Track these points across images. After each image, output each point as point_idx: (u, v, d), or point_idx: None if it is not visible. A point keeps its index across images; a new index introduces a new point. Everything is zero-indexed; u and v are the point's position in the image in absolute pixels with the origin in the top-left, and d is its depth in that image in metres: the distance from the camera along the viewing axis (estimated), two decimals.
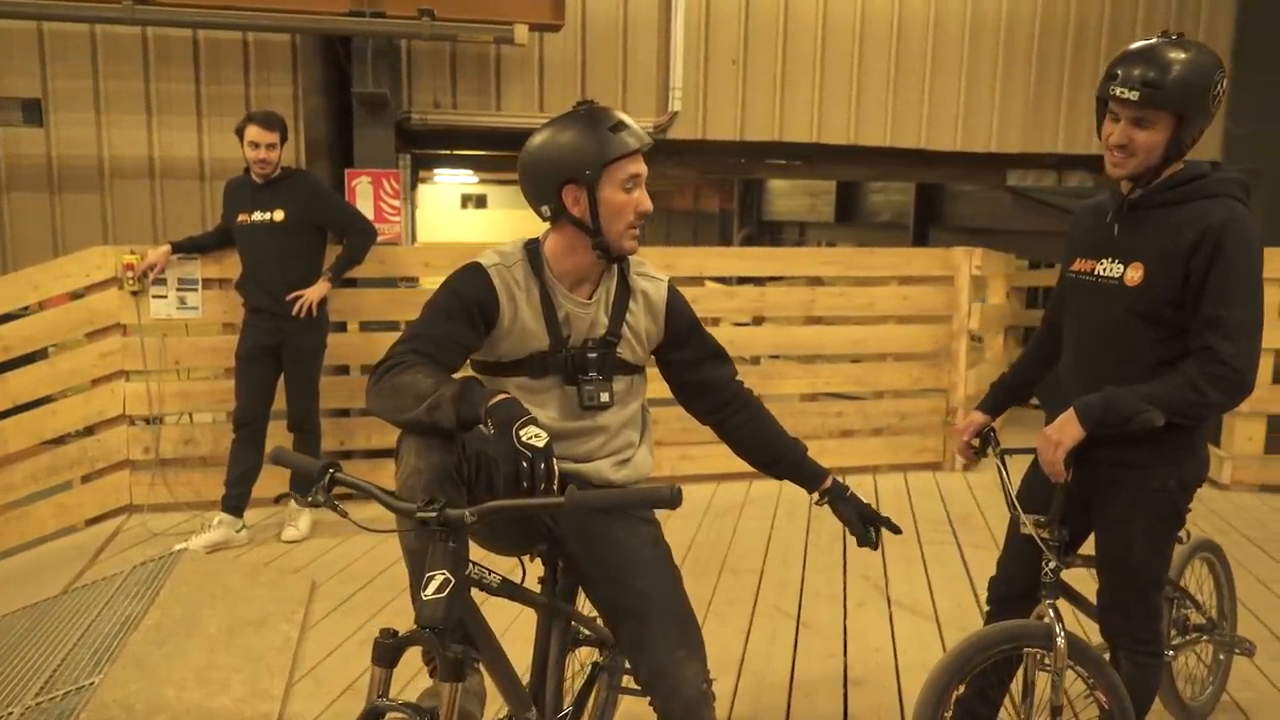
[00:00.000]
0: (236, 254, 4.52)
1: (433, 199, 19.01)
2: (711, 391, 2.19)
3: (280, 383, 4.48)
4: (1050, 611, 2.21)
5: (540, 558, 2.16)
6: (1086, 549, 2.40)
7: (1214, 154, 7.12)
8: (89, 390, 4.74)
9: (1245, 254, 2.00)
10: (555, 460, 1.65)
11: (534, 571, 2.15)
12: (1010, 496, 2.30)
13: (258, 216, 4.35)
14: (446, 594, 1.65)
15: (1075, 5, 7.18)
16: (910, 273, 5.71)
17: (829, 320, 5.87)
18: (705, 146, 6.84)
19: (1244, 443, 5.45)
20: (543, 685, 2.19)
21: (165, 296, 4.72)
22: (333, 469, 1.73)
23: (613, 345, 2.06)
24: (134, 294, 4.67)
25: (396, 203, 5.86)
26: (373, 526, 1.77)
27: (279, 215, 4.33)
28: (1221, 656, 2.98)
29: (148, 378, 4.77)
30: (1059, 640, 2.16)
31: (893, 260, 5.80)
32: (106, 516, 4.79)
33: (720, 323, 5.80)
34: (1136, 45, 2.07)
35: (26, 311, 4.76)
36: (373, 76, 5.59)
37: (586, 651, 2.46)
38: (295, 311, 4.30)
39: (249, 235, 4.38)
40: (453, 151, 7.14)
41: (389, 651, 1.67)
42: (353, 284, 5.00)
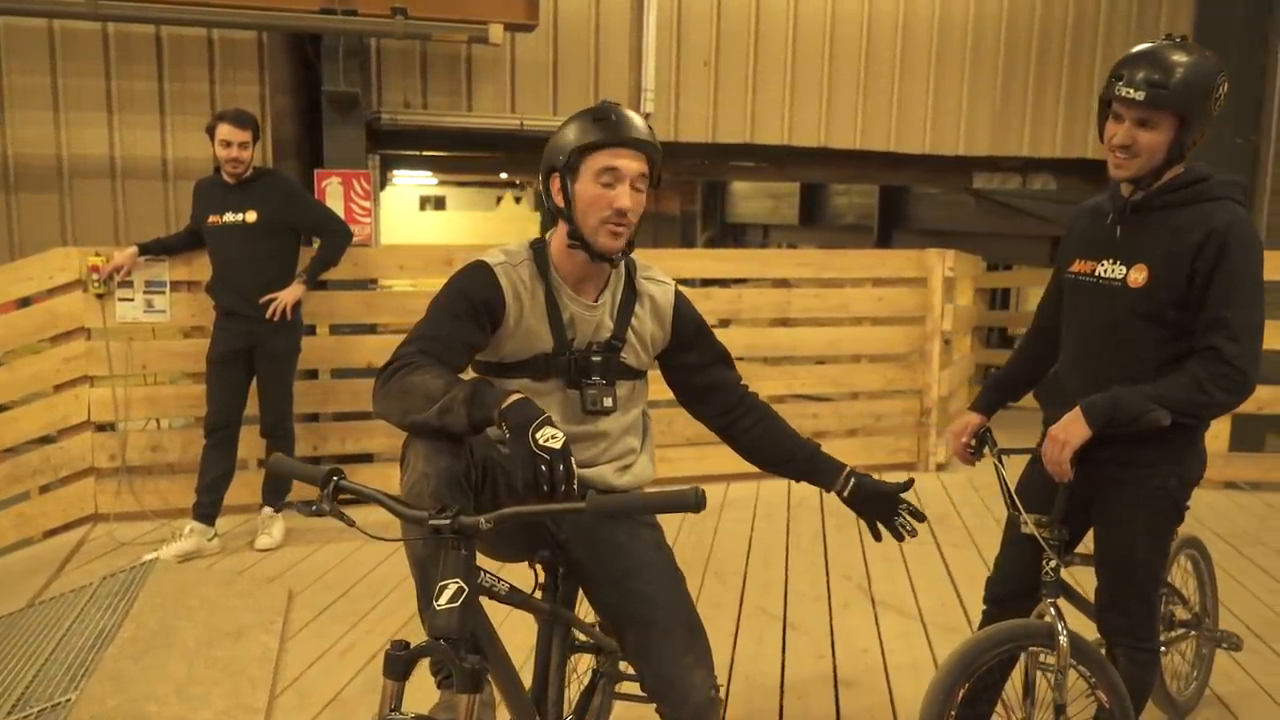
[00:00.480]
0: (206, 256, 4.41)
1: (391, 201, 18.85)
2: (719, 395, 2.17)
3: (253, 387, 4.38)
4: (1052, 610, 2.22)
5: (541, 564, 2.13)
6: (1083, 548, 2.42)
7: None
8: (51, 396, 4.59)
9: (1248, 256, 2.03)
10: (573, 461, 1.62)
11: (529, 576, 2.11)
12: (1011, 496, 2.30)
13: (229, 217, 4.25)
14: (460, 603, 1.61)
15: (1040, 10, 7.29)
16: (884, 274, 5.75)
17: (803, 322, 5.88)
18: (677, 148, 6.83)
19: (1209, 440, 5.51)
20: (544, 692, 2.16)
21: (132, 299, 4.59)
22: (337, 476, 1.68)
23: (617, 349, 2.03)
24: (99, 297, 4.54)
25: (367, 204, 5.77)
26: (382, 535, 1.72)
27: (251, 216, 4.23)
28: (1204, 651, 3.03)
29: (113, 383, 4.65)
30: (1062, 639, 2.17)
31: (866, 262, 5.84)
32: (70, 526, 4.65)
33: None
34: (1141, 48, 2.09)
35: None
36: (344, 75, 5.50)
37: (580, 658, 2.43)
38: (269, 314, 4.21)
39: (220, 237, 4.28)
40: (422, 152, 7.05)
41: (401, 664, 1.62)
42: (323, 286, 4.92)
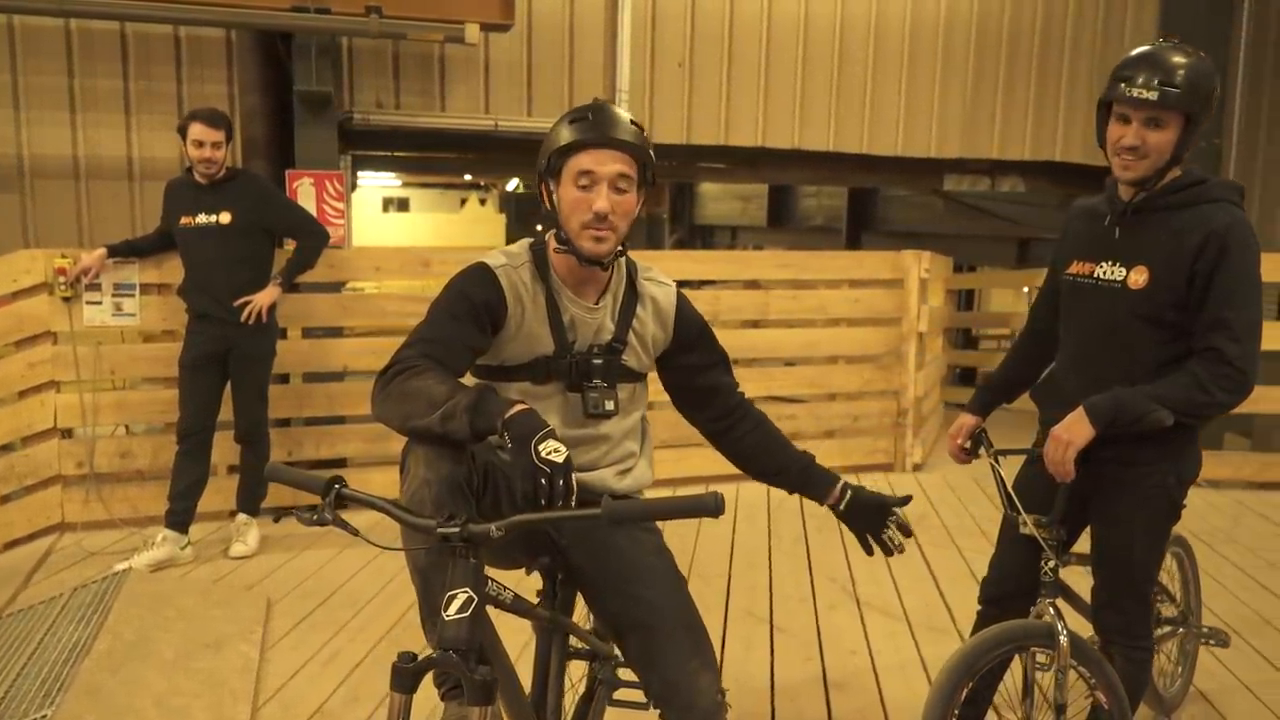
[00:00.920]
0: (177, 258, 4.32)
1: (355, 203, 18.62)
2: (717, 399, 2.14)
3: (227, 392, 4.29)
4: (1051, 610, 2.22)
5: (540, 570, 2.09)
6: (1079, 547, 2.43)
7: None
8: (16, 402, 4.47)
9: (1248, 257, 2.06)
10: (574, 476, 1.59)
11: (526, 582, 2.08)
12: (1010, 497, 2.30)
13: (202, 219, 4.16)
14: (470, 613, 1.57)
15: (1009, 14, 7.37)
16: (861, 276, 5.77)
17: (781, 323, 5.89)
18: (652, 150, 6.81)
19: None
20: (544, 699, 2.12)
21: (100, 303, 4.48)
22: (339, 484, 1.63)
23: (619, 351, 2.00)
24: (66, 300, 4.43)
25: (340, 205, 5.69)
26: (389, 545, 1.68)
27: (225, 218, 4.15)
28: (1188, 648, 3.06)
29: (81, 388, 4.53)
30: (1062, 639, 2.18)
31: (844, 263, 5.86)
32: (36, 536, 4.52)
33: None
34: (1142, 50, 2.10)
35: None
36: (316, 75, 5.41)
37: (573, 664, 2.39)
38: (244, 317, 4.13)
39: (193, 238, 4.19)
40: (394, 153, 6.97)
41: (409, 676, 1.58)
42: (295, 289, 4.83)
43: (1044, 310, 2.46)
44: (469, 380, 1.97)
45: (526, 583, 2.06)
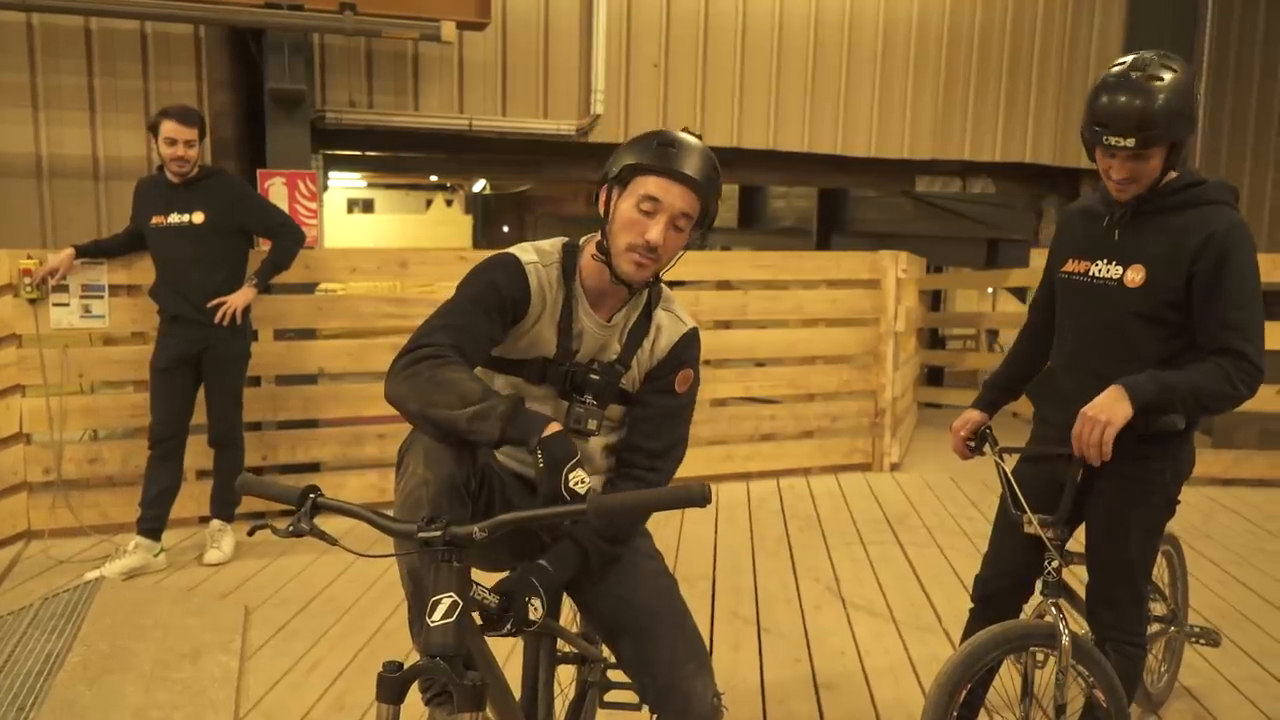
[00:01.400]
0: (147, 259, 4.22)
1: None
2: (626, 441, 2.00)
3: (200, 395, 4.20)
4: (1054, 610, 2.22)
5: None
6: (1074, 545, 2.43)
7: None
8: None
9: (1248, 257, 2.09)
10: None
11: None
12: (1015, 494, 2.29)
13: (175, 219, 4.07)
14: (455, 619, 1.53)
15: (980, 17, 7.44)
16: (839, 276, 5.79)
17: (759, 324, 5.88)
18: None
19: None
20: (534, 705, 2.09)
21: (68, 304, 4.37)
22: (314, 494, 1.59)
23: (619, 374, 1.96)
24: (32, 302, 4.31)
25: (313, 205, 5.61)
26: (369, 552, 1.63)
27: (199, 217, 4.06)
28: (1174, 646, 3.08)
29: (48, 392, 4.41)
30: (1065, 639, 2.17)
31: (821, 264, 5.87)
32: (2, 544, 4.39)
33: None
34: (1114, 85, 2.05)
35: None
36: (289, 72, 5.33)
37: (561, 669, 2.36)
38: (218, 319, 4.04)
39: (165, 239, 4.09)
40: (366, 152, 6.88)
41: (396, 686, 1.53)
42: (269, 289, 4.74)
43: (1042, 307, 2.47)
44: None
45: None
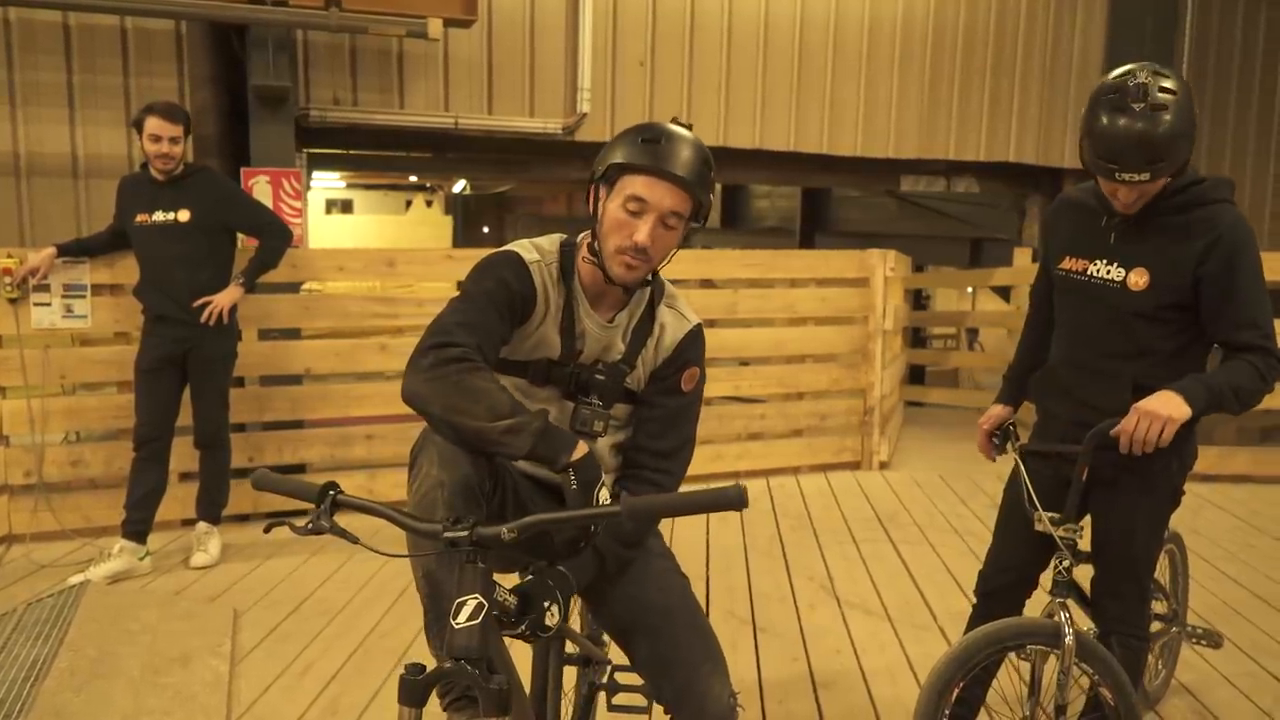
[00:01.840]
0: (129, 258, 4.16)
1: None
2: (631, 442, 1.96)
3: (185, 396, 4.13)
4: (1061, 610, 2.21)
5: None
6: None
7: None
8: None
9: (1254, 253, 2.11)
10: None
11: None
12: (1030, 493, 2.27)
13: (159, 217, 4.00)
14: (480, 621, 1.50)
15: (963, 17, 7.46)
16: (828, 275, 5.78)
17: (749, 322, 5.87)
18: None
19: None
20: (543, 706, 2.06)
21: (49, 304, 4.29)
22: (334, 490, 1.55)
23: (624, 374, 1.93)
24: (12, 301, 4.23)
25: (298, 204, 5.54)
26: (390, 551, 1.60)
27: (184, 215, 3.99)
28: (1171, 644, 3.08)
29: (29, 393, 4.33)
30: (1068, 638, 2.16)
31: (810, 262, 5.87)
32: None
33: None
34: (1118, 120, 1.99)
35: None
36: (273, 69, 5.26)
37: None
38: (204, 318, 3.98)
39: (149, 237, 4.02)
40: (350, 151, 6.81)
41: (419, 689, 1.50)
42: (253, 289, 4.68)
43: (1043, 298, 2.47)
44: None
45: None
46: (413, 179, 21.74)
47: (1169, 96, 1.99)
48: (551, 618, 1.66)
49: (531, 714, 1.91)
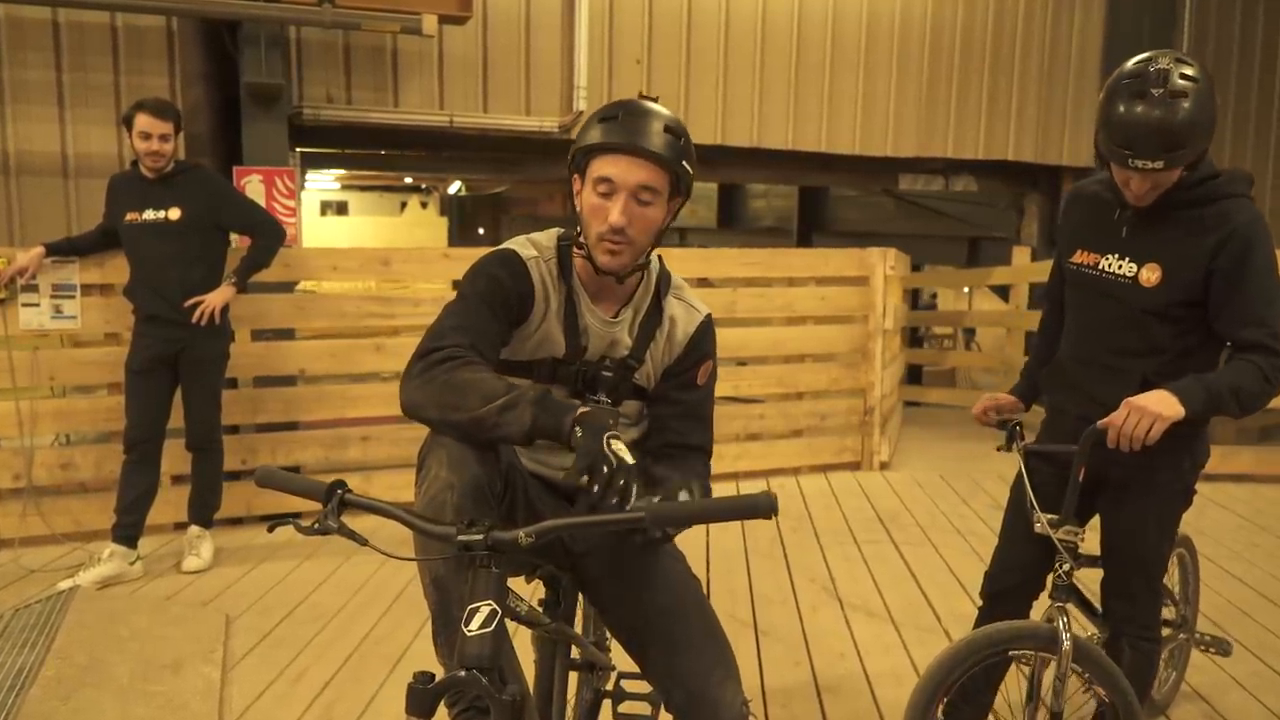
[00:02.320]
0: (119, 257, 4.09)
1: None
2: (661, 449, 1.89)
3: (177, 398, 4.07)
4: (1060, 615, 2.15)
5: (542, 578, 1.96)
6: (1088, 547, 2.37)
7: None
8: None
9: (1267, 252, 2.05)
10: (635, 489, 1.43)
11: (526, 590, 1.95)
12: (1030, 495, 2.22)
13: (149, 215, 3.94)
14: (494, 628, 1.44)
15: (961, 15, 7.42)
16: (827, 273, 5.73)
17: (748, 322, 5.81)
18: None
19: None
20: (549, 711, 2.00)
21: (38, 304, 4.22)
22: (342, 489, 1.49)
23: (633, 369, 1.87)
24: (0, 302, 4.16)
25: (291, 203, 5.48)
26: (399, 554, 1.54)
27: (174, 214, 3.93)
28: (1180, 650, 3.02)
29: (17, 395, 4.26)
30: (1065, 643, 2.10)
31: (810, 261, 5.81)
32: None
33: None
34: (1136, 105, 1.94)
35: None
36: (265, 66, 5.19)
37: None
38: (195, 318, 3.91)
39: (139, 236, 3.96)
40: (345, 150, 6.75)
41: (428, 699, 1.43)
42: (247, 288, 4.61)
43: (1056, 293, 2.42)
44: None
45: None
46: (408, 180, 21.66)
47: (1189, 84, 1.93)
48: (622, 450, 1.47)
49: (536, 717, 1.85)
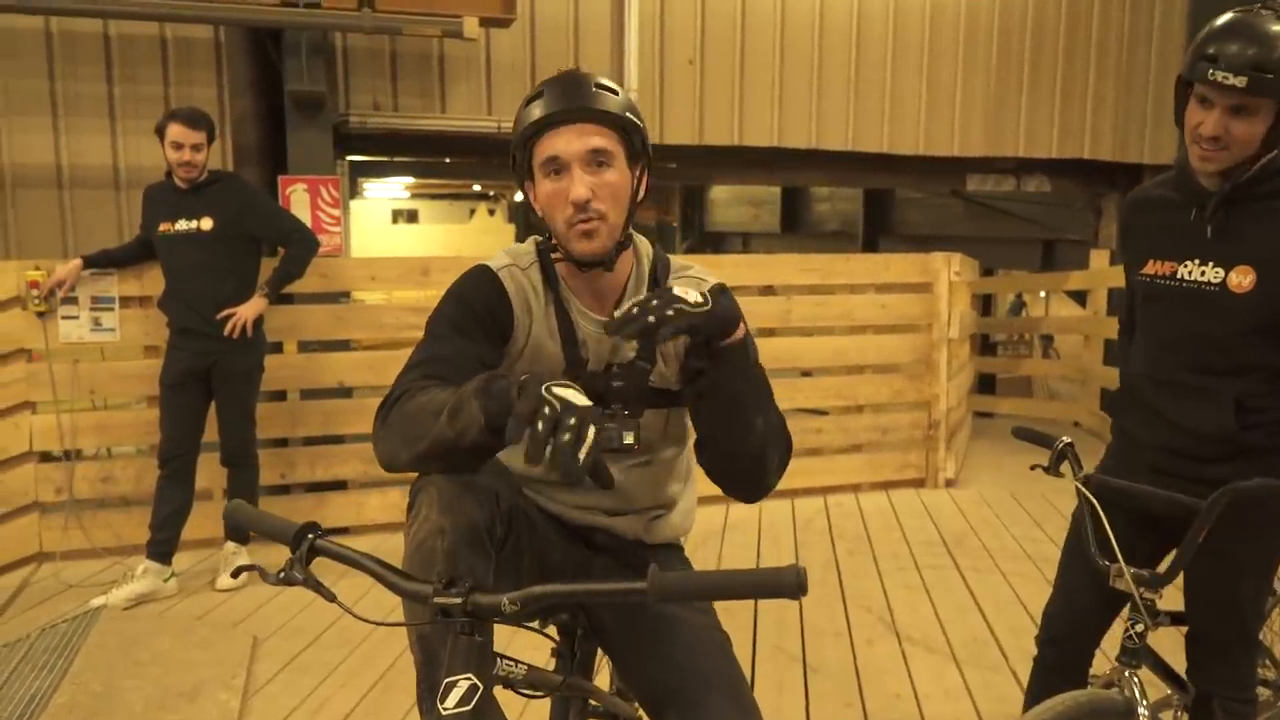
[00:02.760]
0: (158, 269, 4.03)
1: (362, 215, 18.40)
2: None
3: (211, 412, 3.99)
4: (1134, 682, 1.88)
5: (557, 627, 1.76)
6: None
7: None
8: None
9: None
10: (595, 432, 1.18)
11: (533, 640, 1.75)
12: (1107, 538, 1.92)
13: (182, 225, 3.87)
14: (472, 707, 1.24)
15: (1033, 5, 7.05)
16: (888, 279, 5.45)
17: (804, 331, 5.56)
18: (663, 151, 6.50)
19: None
20: None
21: (77, 317, 4.19)
22: (313, 534, 1.32)
23: (645, 371, 1.66)
24: (40, 315, 4.13)
25: (336, 212, 5.40)
26: (372, 619, 1.36)
27: (206, 224, 3.85)
28: (1275, 717, 2.69)
29: (58, 409, 4.23)
30: (1143, 715, 1.83)
31: (869, 266, 5.53)
32: (12, 567, 4.22)
33: None
34: (1232, 19, 1.77)
35: None
36: (308, 74, 5.12)
37: None
38: (227, 331, 3.83)
39: (172, 246, 3.90)
40: (393, 158, 6.68)
41: None
42: (289, 299, 4.54)
43: (1131, 311, 2.15)
44: None
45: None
46: (476, 187, 21.78)
47: None
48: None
49: None
